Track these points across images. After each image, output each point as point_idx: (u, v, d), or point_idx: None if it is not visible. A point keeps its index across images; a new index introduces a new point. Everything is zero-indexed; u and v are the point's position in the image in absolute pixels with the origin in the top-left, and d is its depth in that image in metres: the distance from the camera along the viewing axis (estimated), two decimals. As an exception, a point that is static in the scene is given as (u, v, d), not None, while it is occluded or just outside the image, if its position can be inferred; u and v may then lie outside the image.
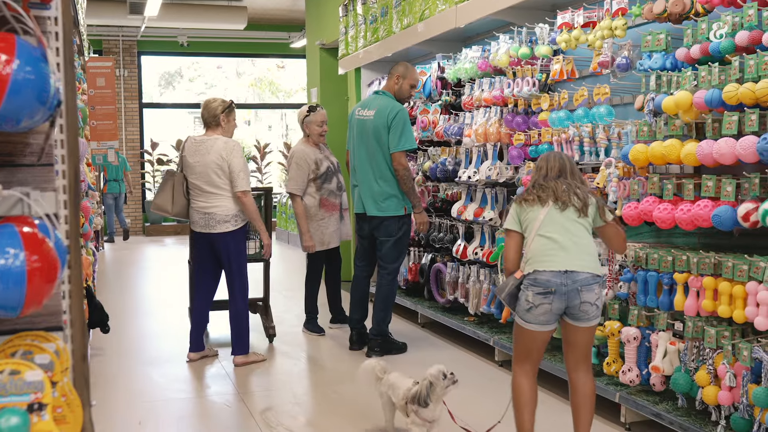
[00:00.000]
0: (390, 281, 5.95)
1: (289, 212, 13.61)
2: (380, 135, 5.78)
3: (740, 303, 3.62)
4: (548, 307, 3.57)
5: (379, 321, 5.93)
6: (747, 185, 3.62)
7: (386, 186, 5.81)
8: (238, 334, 5.67)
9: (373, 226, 5.94)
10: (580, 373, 3.74)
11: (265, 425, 4.48)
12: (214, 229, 5.54)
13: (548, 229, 3.65)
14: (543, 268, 3.58)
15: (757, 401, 3.49)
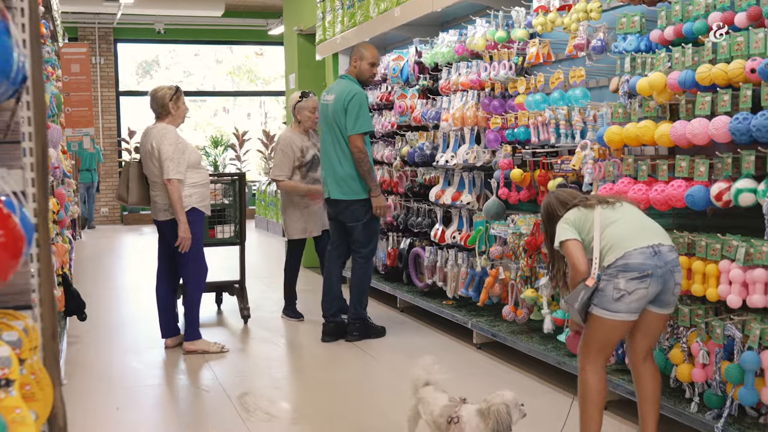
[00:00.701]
0: (364, 264, 5.93)
1: (269, 199, 13.58)
2: (339, 118, 5.77)
3: (713, 282, 3.65)
4: (644, 292, 3.37)
5: (355, 304, 5.92)
6: (720, 165, 3.65)
7: (349, 169, 5.77)
8: (187, 320, 5.64)
9: (339, 211, 5.90)
10: (648, 363, 3.60)
11: (243, 410, 4.48)
12: (158, 217, 5.56)
13: (614, 218, 3.51)
14: (632, 246, 3.39)
15: (729, 378, 3.54)
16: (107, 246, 12.42)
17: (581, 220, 3.57)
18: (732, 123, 3.46)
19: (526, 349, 5.03)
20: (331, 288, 6.04)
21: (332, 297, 6.02)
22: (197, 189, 5.54)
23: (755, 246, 3.43)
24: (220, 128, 17.96)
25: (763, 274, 3.40)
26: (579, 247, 3.53)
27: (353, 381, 5.03)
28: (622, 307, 3.38)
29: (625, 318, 3.41)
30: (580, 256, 3.51)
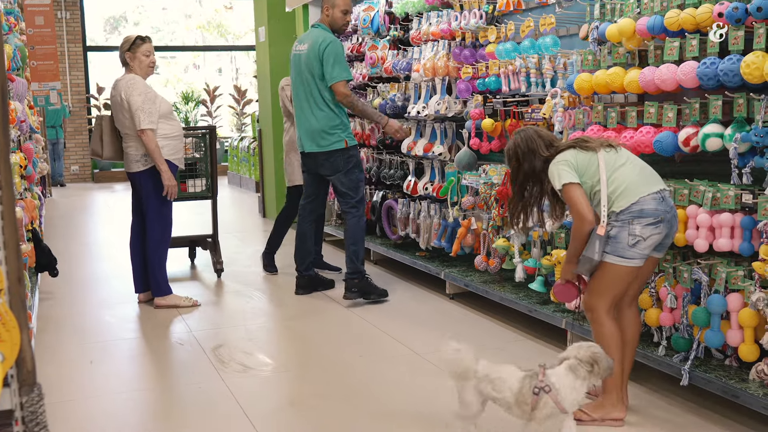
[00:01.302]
0: (355, 215, 5.70)
1: (241, 155, 13.49)
2: (313, 68, 5.56)
3: (681, 227, 3.69)
4: (658, 237, 3.37)
5: (352, 257, 5.65)
6: (688, 111, 3.67)
7: (324, 120, 5.57)
8: (152, 275, 5.61)
9: (318, 164, 5.70)
10: (633, 307, 3.62)
11: (217, 361, 4.49)
12: (131, 169, 5.50)
13: (621, 161, 3.44)
14: (646, 192, 3.36)
15: (696, 321, 3.60)
16: (78, 204, 12.31)
17: (585, 162, 3.44)
18: (700, 68, 3.48)
19: (498, 298, 5.08)
20: (304, 241, 5.95)
21: (305, 251, 5.94)
22: (169, 141, 5.46)
23: (722, 191, 3.47)
24: (190, 84, 17.76)
25: (729, 218, 3.45)
26: (583, 191, 3.42)
27: (328, 332, 5.06)
28: (636, 253, 3.37)
29: (638, 264, 3.40)
30: (585, 202, 3.40)
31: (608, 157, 3.44)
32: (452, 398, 3.84)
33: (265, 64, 9.53)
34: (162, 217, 5.55)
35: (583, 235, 3.40)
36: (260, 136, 9.99)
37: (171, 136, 5.48)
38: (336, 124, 5.58)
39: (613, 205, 3.39)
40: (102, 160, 14.92)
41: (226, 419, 3.70)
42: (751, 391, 3.30)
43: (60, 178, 14.61)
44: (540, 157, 3.54)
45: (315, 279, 6.03)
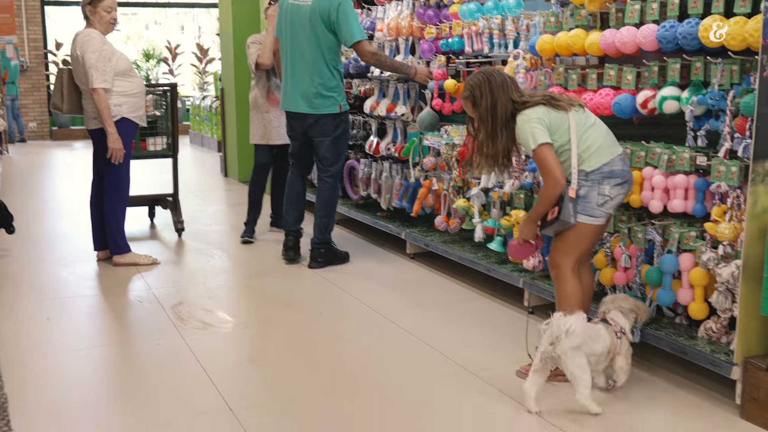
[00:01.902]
0: (331, 185, 5.51)
1: (203, 114, 13.35)
2: (318, 24, 5.20)
3: (637, 188, 3.75)
4: (622, 197, 3.48)
5: (321, 228, 5.50)
6: (647, 74, 3.72)
7: (321, 81, 5.28)
8: (110, 234, 5.56)
9: (307, 125, 5.41)
10: (587, 265, 3.69)
11: (177, 319, 4.49)
12: (89, 125, 5.44)
13: (590, 122, 3.47)
14: (615, 153, 3.43)
15: (649, 280, 3.68)
16: (36, 161, 12.12)
17: (557, 121, 3.42)
18: (659, 31, 3.51)
19: (457, 258, 5.13)
20: (297, 200, 5.66)
21: (297, 211, 5.66)
22: (128, 98, 5.37)
23: (677, 152, 3.53)
24: (152, 42, 17.46)
25: (684, 179, 3.51)
26: (554, 153, 3.40)
27: (288, 291, 5.08)
28: (603, 212, 3.45)
29: (603, 222, 3.49)
30: (558, 165, 3.37)
31: (578, 117, 3.45)
32: (411, 357, 3.91)
33: (228, 23, 9.40)
34: (120, 175, 5.47)
35: (553, 198, 3.42)
36: (222, 95, 9.89)
37: (130, 93, 5.39)
38: (333, 86, 5.34)
39: (582, 164, 3.42)
40: (61, 116, 14.72)
41: (185, 375, 3.71)
42: (699, 347, 3.39)
43: (22, 134, 14.40)
44: (509, 100, 3.45)
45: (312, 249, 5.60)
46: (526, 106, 3.44)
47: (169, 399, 3.45)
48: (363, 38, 5.24)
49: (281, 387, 3.58)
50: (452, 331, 4.23)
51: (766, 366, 3.10)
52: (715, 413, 3.25)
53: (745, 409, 3.18)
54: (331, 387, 3.57)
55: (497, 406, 3.35)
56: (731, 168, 3.25)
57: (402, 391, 3.51)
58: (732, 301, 3.30)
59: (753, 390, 3.14)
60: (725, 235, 3.28)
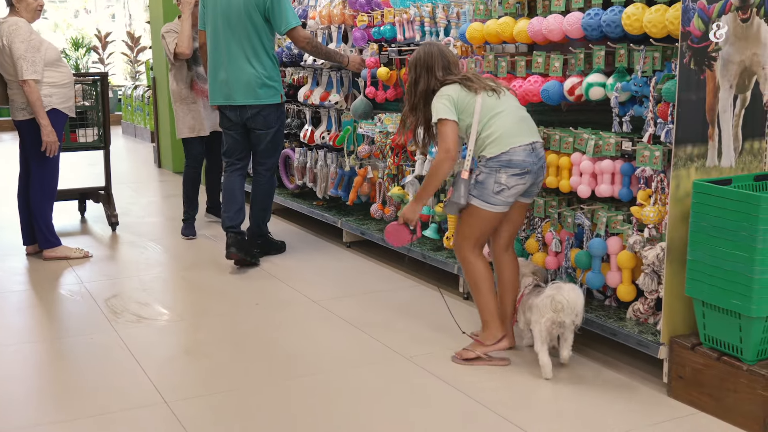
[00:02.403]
0: (269, 177, 5.41)
1: (135, 104, 13.11)
2: (251, 12, 5.05)
3: (566, 174, 3.83)
4: (522, 188, 3.50)
5: (258, 221, 5.44)
6: (573, 61, 3.78)
7: (262, 70, 5.12)
8: (38, 228, 5.45)
9: (247, 117, 5.19)
10: (510, 251, 3.73)
11: (110, 312, 4.43)
12: (16, 117, 5.29)
13: (499, 108, 3.51)
14: (517, 143, 3.46)
15: (578, 263, 3.76)
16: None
17: (464, 102, 3.52)
18: (584, 19, 3.58)
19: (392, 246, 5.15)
20: (235, 197, 5.34)
21: (236, 207, 5.31)
22: (58, 89, 5.25)
23: (604, 138, 3.61)
24: (81, 30, 17.07)
25: (610, 164, 3.59)
26: (456, 130, 3.51)
27: (223, 282, 5.05)
28: (500, 200, 3.49)
29: (501, 210, 3.53)
30: (455, 140, 3.50)
31: (488, 101, 3.52)
32: (348, 345, 3.93)
33: (158, 10, 9.24)
34: (47, 168, 5.35)
35: (442, 172, 3.53)
36: (154, 84, 9.73)
37: (60, 84, 5.28)
38: (274, 75, 5.20)
39: (484, 150, 3.51)
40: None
41: (118, 369, 3.67)
42: (628, 329, 3.48)
43: None
44: (434, 78, 3.60)
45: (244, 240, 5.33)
46: (443, 84, 3.58)
47: (103, 394, 3.41)
48: (297, 24, 5.14)
49: (217, 379, 3.56)
50: (388, 319, 4.26)
51: (691, 345, 3.20)
52: (643, 392, 3.35)
53: (672, 387, 3.28)
54: (268, 378, 3.56)
55: (433, 389, 3.39)
56: (655, 153, 3.34)
57: (339, 380, 3.52)
58: (658, 283, 3.40)
59: (679, 368, 3.24)
60: (650, 219, 3.37)
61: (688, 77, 3.14)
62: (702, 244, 3.09)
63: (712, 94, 3.21)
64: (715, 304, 3.07)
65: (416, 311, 4.35)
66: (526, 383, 3.45)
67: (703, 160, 3.24)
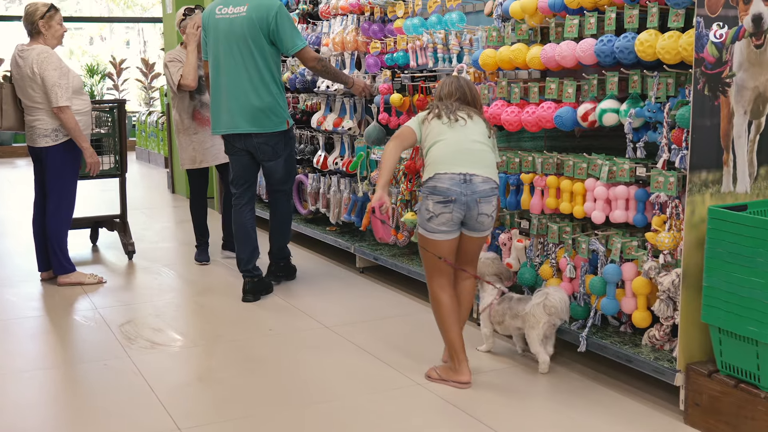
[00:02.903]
0: (285, 202, 5.33)
1: (149, 130, 13.21)
2: (257, 36, 4.90)
3: (580, 199, 3.82)
4: (449, 216, 3.54)
5: (280, 246, 5.40)
6: (586, 87, 3.79)
7: (267, 97, 4.96)
8: (53, 254, 5.47)
9: (253, 146, 5.05)
10: (461, 285, 3.78)
11: (124, 338, 4.44)
12: (37, 143, 5.31)
13: (444, 137, 3.61)
14: (444, 170, 3.53)
15: (593, 289, 3.74)
16: (-23, 180, 11.86)
17: (427, 125, 3.67)
18: (597, 45, 3.59)
19: (406, 271, 5.15)
20: (248, 236, 5.19)
21: (251, 247, 5.17)
22: (81, 116, 5.33)
23: (617, 164, 3.60)
24: (96, 57, 17.25)
25: (624, 190, 3.58)
26: (411, 134, 3.67)
27: (237, 307, 5.05)
28: (433, 227, 3.58)
29: (442, 237, 3.59)
30: (403, 133, 3.67)
31: (439, 128, 3.64)
32: (362, 371, 3.91)
33: (173, 37, 9.32)
34: (66, 195, 5.41)
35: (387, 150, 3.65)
36: (168, 110, 9.80)
37: (83, 112, 5.36)
38: (280, 101, 5.04)
39: (423, 174, 3.65)
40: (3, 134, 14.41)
41: (132, 396, 3.67)
42: (643, 355, 3.45)
43: None
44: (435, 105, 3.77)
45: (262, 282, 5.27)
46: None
47: (116, 420, 3.41)
48: (305, 44, 5.02)
49: (231, 405, 3.55)
50: (402, 344, 4.25)
51: (708, 372, 3.17)
52: (659, 420, 3.32)
53: (688, 414, 3.25)
54: (282, 404, 3.55)
55: (448, 416, 3.37)
56: (669, 178, 3.33)
57: (353, 406, 3.51)
58: (673, 309, 3.38)
59: (696, 396, 3.21)
60: (665, 245, 3.36)
61: (702, 103, 3.14)
62: (718, 271, 3.08)
63: (727, 120, 3.21)
64: (732, 331, 3.05)
65: (430, 337, 4.33)
66: (542, 410, 3.42)
67: (718, 186, 3.23)
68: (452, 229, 3.59)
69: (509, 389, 3.65)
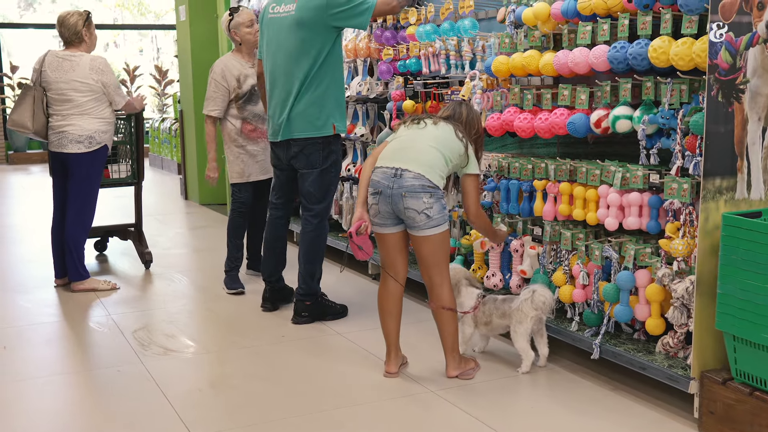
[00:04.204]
0: (317, 225, 4.74)
1: (162, 136, 13.27)
2: (306, 26, 4.50)
3: (593, 206, 3.81)
4: (377, 208, 3.70)
5: (305, 277, 4.75)
6: (599, 93, 3.79)
7: (312, 99, 4.56)
8: (70, 260, 5.50)
9: (291, 155, 4.68)
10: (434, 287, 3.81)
11: (137, 344, 4.45)
12: (66, 149, 5.35)
13: (397, 136, 3.83)
14: (380, 164, 3.72)
15: (606, 296, 3.73)
16: (-8, 186, 11.94)
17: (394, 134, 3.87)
18: (610, 52, 3.58)
19: (417, 277, 5.12)
20: (274, 248, 5.01)
21: (275, 259, 5.02)
22: (110, 126, 5.51)
23: (631, 171, 3.59)
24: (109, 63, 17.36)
25: (638, 197, 3.57)
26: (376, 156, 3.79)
27: (249, 314, 5.06)
28: (372, 218, 3.75)
29: (378, 230, 3.76)
30: (367, 169, 3.79)
31: (400, 129, 3.84)
32: (374, 378, 3.91)
33: (186, 44, 9.39)
34: (89, 202, 5.49)
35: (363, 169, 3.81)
36: (182, 116, 9.85)
37: (111, 121, 5.53)
38: (327, 103, 4.61)
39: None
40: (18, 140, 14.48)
41: (145, 402, 3.68)
42: (657, 363, 3.44)
43: None
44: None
45: (284, 291, 5.13)
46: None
47: (129, 426, 3.42)
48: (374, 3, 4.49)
49: (243, 412, 3.56)
50: (415, 351, 4.24)
51: (722, 380, 3.16)
52: (673, 428, 3.30)
53: (703, 422, 3.23)
54: (294, 411, 3.55)
55: (461, 423, 3.36)
56: (683, 185, 3.32)
57: (366, 413, 3.51)
58: (687, 316, 3.36)
59: (710, 403, 3.19)
60: (679, 251, 3.34)
61: (716, 110, 3.13)
62: (732, 278, 3.06)
63: (741, 127, 3.20)
64: (746, 338, 3.03)
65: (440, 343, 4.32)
66: (555, 418, 3.41)
67: (732, 193, 3.22)
68: (384, 223, 3.73)
69: (520, 394, 3.64)
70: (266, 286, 5.10)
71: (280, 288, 5.13)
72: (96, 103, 5.36)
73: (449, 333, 3.80)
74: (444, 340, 3.83)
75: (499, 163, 4.39)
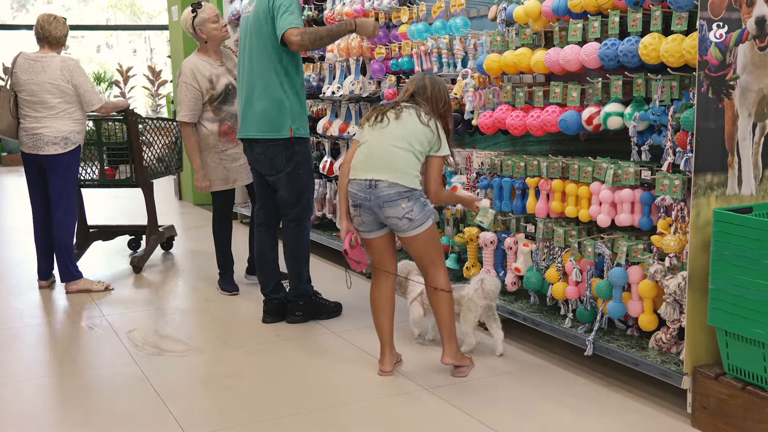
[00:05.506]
0: (294, 229, 4.69)
1: (156, 137, 13.23)
2: (261, 27, 4.42)
3: (585, 203, 3.83)
4: (359, 219, 3.73)
5: (293, 279, 4.77)
6: (591, 91, 3.80)
7: (267, 100, 4.46)
8: (60, 261, 5.50)
9: (255, 156, 4.60)
10: (429, 275, 3.82)
11: (131, 345, 4.45)
12: (42, 150, 5.34)
13: (365, 139, 3.75)
14: (353, 176, 3.71)
15: (599, 293, 3.74)
16: (-14, 188, 11.92)
17: (360, 130, 3.82)
18: (601, 49, 3.59)
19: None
20: (264, 257, 4.82)
21: (266, 269, 4.82)
22: (84, 126, 5.50)
23: (622, 167, 3.61)
24: (103, 64, 17.32)
25: (629, 193, 3.58)
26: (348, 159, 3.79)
27: (244, 314, 5.06)
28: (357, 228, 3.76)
29: (366, 236, 3.79)
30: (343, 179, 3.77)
31: (366, 130, 3.78)
32: (369, 377, 3.92)
33: (179, 44, 9.38)
34: (72, 201, 5.49)
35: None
36: (175, 117, 9.82)
37: (83, 121, 5.49)
38: (286, 106, 4.48)
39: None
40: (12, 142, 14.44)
41: (139, 402, 3.68)
42: (650, 358, 3.45)
43: None
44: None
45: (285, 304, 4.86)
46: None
47: (124, 427, 3.41)
48: (294, 25, 4.28)
49: (238, 411, 3.56)
50: (410, 350, 4.25)
51: (715, 375, 3.17)
52: (666, 423, 3.31)
53: (695, 417, 3.24)
54: (289, 410, 3.56)
55: (455, 421, 3.37)
56: (674, 181, 3.33)
57: (361, 412, 3.51)
58: (680, 312, 3.37)
59: (703, 399, 3.21)
60: (671, 247, 3.35)
61: (707, 106, 3.14)
62: (723, 273, 3.07)
63: (731, 123, 3.21)
64: (738, 333, 3.05)
65: (438, 342, 4.33)
66: (548, 414, 3.42)
67: (723, 189, 3.23)
68: (369, 230, 3.75)
69: (515, 392, 3.65)
70: (265, 301, 4.86)
71: (279, 301, 4.83)
72: (68, 105, 5.34)
73: (444, 315, 3.80)
74: (441, 324, 3.82)
75: (492, 160, 4.39)
